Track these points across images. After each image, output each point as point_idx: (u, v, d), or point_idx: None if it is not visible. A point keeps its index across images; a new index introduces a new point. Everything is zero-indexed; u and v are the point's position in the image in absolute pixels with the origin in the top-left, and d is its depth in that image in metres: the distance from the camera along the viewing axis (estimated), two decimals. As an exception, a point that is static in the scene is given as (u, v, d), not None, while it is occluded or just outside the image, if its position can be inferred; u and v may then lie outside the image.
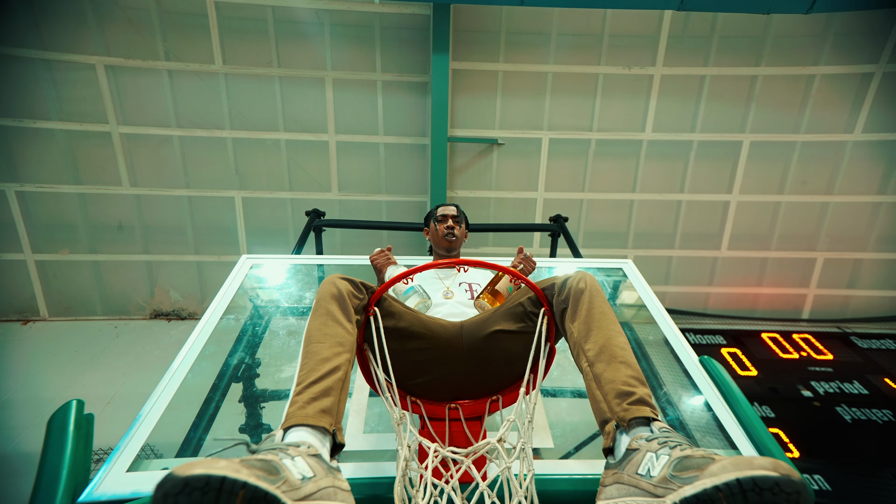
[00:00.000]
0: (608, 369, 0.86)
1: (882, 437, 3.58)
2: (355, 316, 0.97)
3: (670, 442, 0.69)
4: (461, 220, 1.68)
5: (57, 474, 1.09)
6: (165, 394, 1.41)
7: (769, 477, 0.56)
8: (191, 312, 4.99)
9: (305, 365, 0.86)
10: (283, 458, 0.64)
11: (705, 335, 4.72)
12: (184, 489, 0.52)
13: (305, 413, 0.77)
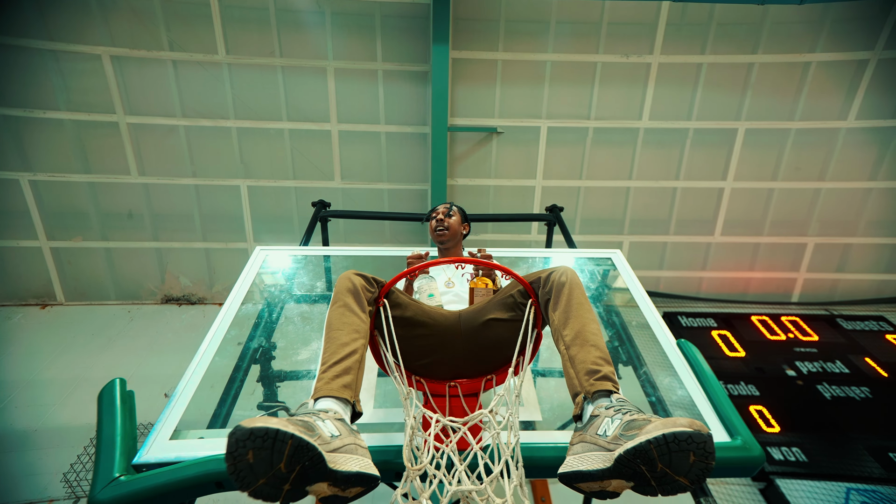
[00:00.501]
0: (581, 352, 1.02)
1: (859, 412, 3.79)
2: (368, 307, 1.12)
3: (623, 409, 0.86)
4: (451, 213, 1.80)
5: (112, 441, 1.26)
6: (196, 374, 1.57)
7: (685, 432, 0.73)
8: (200, 297, 5.17)
9: (328, 349, 1.02)
10: (317, 420, 0.81)
11: (697, 318, 4.90)
12: (249, 437, 0.70)
13: (330, 387, 0.93)
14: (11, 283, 4.85)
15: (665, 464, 0.73)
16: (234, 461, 0.69)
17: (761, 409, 3.88)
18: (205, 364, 1.62)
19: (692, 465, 0.74)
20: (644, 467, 0.75)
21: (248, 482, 0.70)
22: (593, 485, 0.81)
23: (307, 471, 0.72)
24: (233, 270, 5.06)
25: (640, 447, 0.74)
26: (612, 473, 0.77)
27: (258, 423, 0.71)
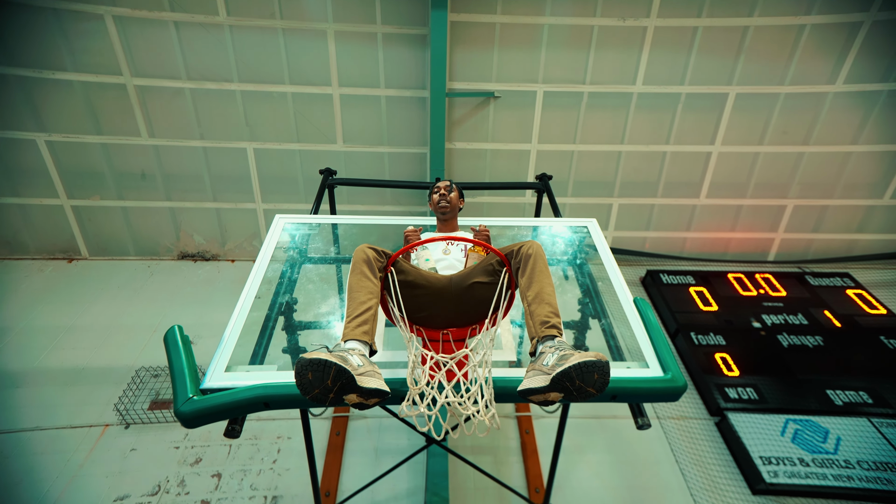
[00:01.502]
0: (538, 308, 1.36)
1: (809, 358, 4.26)
2: (378, 273, 1.46)
3: (560, 348, 1.21)
4: (452, 189, 2.10)
5: (183, 372, 1.64)
6: (237, 324, 1.93)
7: (592, 360, 1.10)
8: (214, 254, 5.52)
9: (350, 305, 1.36)
10: (348, 355, 1.17)
11: (677, 275, 5.27)
12: (309, 364, 1.07)
13: (354, 333, 1.29)
14: (39, 238, 5.18)
15: (580, 380, 1.10)
16: (300, 378, 1.06)
17: (725, 356, 4.34)
18: (243, 316, 1.98)
19: (596, 380, 1.12)
20: (568, 383, 1.11)
21: (308, 391, 1.07)
22: (539, 397, 1.18)
23: (344, 386, 1.09)
24: (243, 229, 5.40)
25: (566, 371, 1.10)
26: (550, 388, 1.13)
27: (314, 355, 1.07)
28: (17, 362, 4.11)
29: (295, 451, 3.68)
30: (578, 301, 2.42)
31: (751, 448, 3.58)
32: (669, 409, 4.10)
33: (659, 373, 1.78)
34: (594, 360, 1.09)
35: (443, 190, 2.08)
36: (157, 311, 4.77)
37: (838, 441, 3.59)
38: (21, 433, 3.57)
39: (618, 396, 1.71)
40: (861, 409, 3.79)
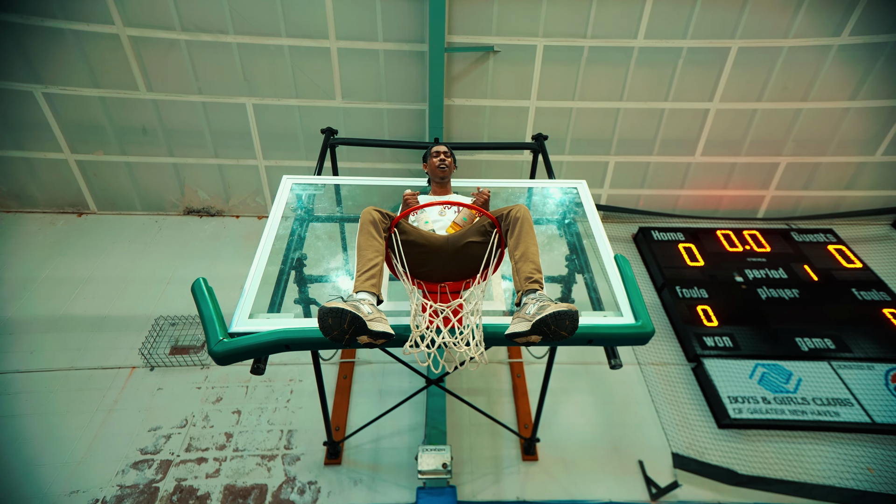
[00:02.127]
0: (523, 265, 1.56)
1: (784, 309, 4.55)
2: (383, 233, 1.64)
3: (540, 299, 1.43)
4: (449, 155, 2.25)
5: (212, 318, 1.87)
6: (255, 278, 2.13)
7: (564, 310, 1.31)
8: (219, 210, 5.67)
9: (360, 262, 1.56)
10: (359, 303, 1.38)
11: (668, 232, 5.47)
12: (329, 311, 1.28)
13: (364, 285, 1.49)
14: (47, 192, 5.31)
15: (555, 325, 1.32)
16: (322, 322, 1.28)
17: (706, 308, 4.63)
18: (260, 270, 2.18)
19: (567, 325, 1.34)
20: (545, 328, 1.34)
21: (328, 333, 1.29)
22: (522, 339, 1.41)
23: (357, 329, 1.31)
24: (246, 185, 5.52)
25: (544, 318, 1.33)
26: (530, 332, 1.36)
27: (333, 304, 1.28)
28: (45, 309, 4.40)
29: (306, 392, 4.04)
30: (566, 257, 2.63)
31: (721, 389, 3.94)
32: (651, 356, 4.44)
33: (631, 321, 2.01)
34: (566, 310, 1.32)
35: (442, 155, 2.22)
36: (169, 264, 5.00)
37: (799, 382, 3.95)
38: (58, 371, 3.92)
39: (594, 340, 1.96)
40: (824, 354, 4.13)
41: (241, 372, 4.12)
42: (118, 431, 3.61)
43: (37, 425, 3.58)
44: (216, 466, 3.52)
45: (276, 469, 3.56)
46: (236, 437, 3.70)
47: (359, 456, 3.64)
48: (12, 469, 3.34)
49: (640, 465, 3.62)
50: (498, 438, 3.79)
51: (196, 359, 4.17)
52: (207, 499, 3.35)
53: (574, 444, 3.75)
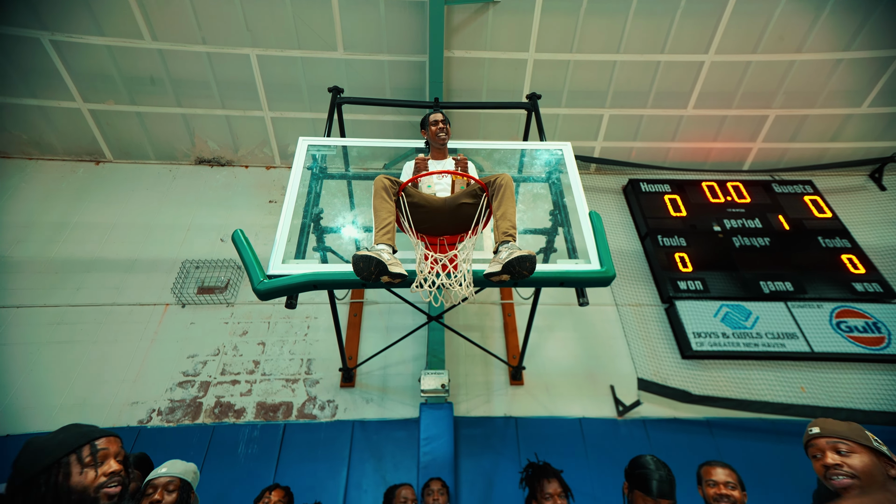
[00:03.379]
0: (502, 223, 1.94)
1: (754, 255, 4.97)
2: (393, 197, 2.01)
3: (511, 248, 1.82)
4: (448, 123, 2.55)
5: (253, 263, 2.28)
6: (283, 229, 2.51)
7: (526, 255, 1.72)
8: (228, 160, 5.92)
9: (377, 221, 1.95)
10: (381, 252, 1.79)
11: (656, 184, 5.75)
12: (360, 258, 1.71)
13: (382, 239, 1.89)
14: (64, 140, 5.53)
15: (518, 266, 1.74)
16: (355, 265, 1.71)
17: (684, 255, 5.05)
18: (287, 223, 2.55)
19: (528, 266, 1.76)
20: (511, 268, 1.76)
21: (359, 273, 1.72)
22: (496, 277, 1.83)
23: (380, 271, 1.73)
24: (253, 136, 5.73)
25: (510, 261, 1.74)
26: (502, 272, 1.79)
27: (362, 253, 1.71)
28: (82, 252, 4.84)
29: (321, 327, 4.58)
30: (549, 212, 3.00)
31: (687, 326, 4.48)
32: (629, 297, 4.94)
33: (598, 267, 2.43)
34: (527, 255, 1.74)
35: (441, 124, 2.52)
36: (187, 212, 5.36)
37: (756, 319, 4.48)
38: (103, 306, 4.44)
39: (565, 283, 2.40)
40: (782, 296, 4.62)
41: (263, 309, 4.64)
42: (162, 357, 4.19)
43: (93, 351, 4.15)
44: (248, 387, 4.14)
45: (299, 390, 4.18)
46: (263, 364, 4.29)
47: (369, 380, 4.24)
48: (80, 384, 3.95)
49: (612, 389, 4.24)
50: (489, 367, 4.38)
51: (221, 298, 4.67)
52: (243, 412, 3.99)
53: (555, 372, 4.35)
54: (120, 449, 1.16)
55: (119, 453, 1.14)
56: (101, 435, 1.14)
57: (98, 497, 1.06)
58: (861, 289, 4.64)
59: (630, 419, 4.02)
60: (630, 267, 5.15)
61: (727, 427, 3.94)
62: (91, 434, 1.14)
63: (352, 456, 3.73)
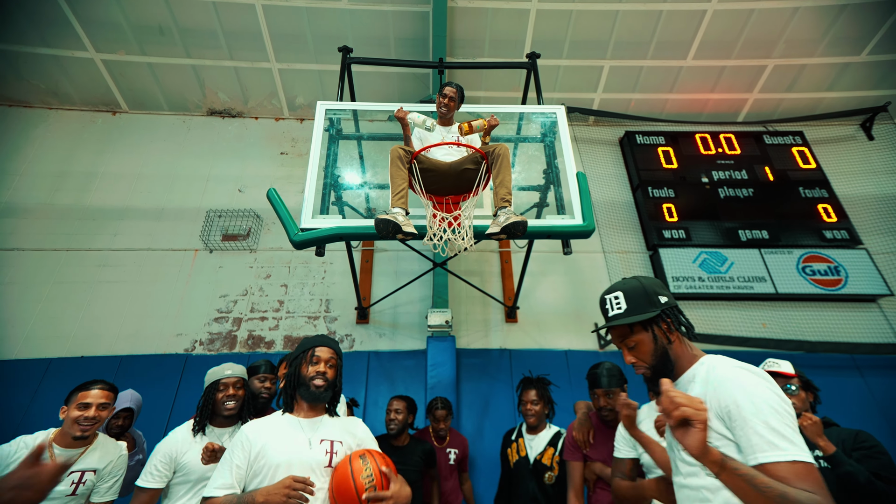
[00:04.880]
0: (500, 189, 2.32)
1: (737, 206, 5.32)
2: (407, 164, 2.37)
3: (508, 213, 2.22)
4: (454, 98, 2.81)
5: (288, 218, 2.69)
6: (310, 188, 2.88)
7: (520, 220, 2.13)
8: (238, 111, 6.11)
9: (393, 186, 2.32)
10: (396, 215, 2.20)
11: (651, 136, 5.96)
12: (380, 220, 2.15)
13: (398, 203, 2.28)
14: (81, 90, 5.69)
15: (514, 229, 2.15)
16: (376, 226, 2.12)
17: (671, 206, 5.40)
18: (313, 183, 2.91)
19: (521, 228, 2.18)
20: (507, 231, 2.17)
21: (380, 232, 2.14)
22: (495, 237, 2.24)
23: (395, 230, 2.14)
24: (262, 88, 5.88)
25: (507, 225, 2.15)
26: (500, 233, 2.20)
27: (382, 217, 2.11)
28: (113, 200, 5.24)
29: (337, 272, 5.06)
30: (543, 171, 3.34)
31: (667, 271, 4.95)
32: (617, 245, 5.37)
33: (580, 222, 2.83)
34: (521, 221, 2.15)
35: (446, 100, 2.79)
36: (205, 163, 5.67)
37: (731, 265, 4.94)
38: (139, 251, 4.93)
39: (552, 235, 2.82)
40: (757, 244, 5.04)
41: (283, 255, 5.11)
42: (197, 297, 4.73)
43: (137, 290, 4.69)
44: (275, 323, 4.71)
45: (320, 325, 4.76)
46: (287, 304, 4.84)
47: (382, 318, 4.80)
48: (131, 318, 4.54)
49: (595, 325, 4.80)
50: (487, 307, 4.92)
51: (244, 244, 5.13)
52: (273, 344, 4.59)
53: (546, 312, 4.89)
54: (331, 357, 1.65)
55: (330, 360, 1.64)
56: (320, 344, 1.66)
57: (309, 384, 1.59)
58: (830, 236, 5.05)
59: (609, 351, 4.62)
60: (620, 217, 5.52)
61: (693, 357, 4.53)
62: (314, 343, 1.67)
63: (368, 380, 4.37)
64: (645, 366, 1.23)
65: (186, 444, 1.97)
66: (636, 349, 1.23)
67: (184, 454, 1.94)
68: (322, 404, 1.63)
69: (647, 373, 1.24)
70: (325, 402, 1.63)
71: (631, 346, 1.24)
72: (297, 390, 1.60)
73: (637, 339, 1.23)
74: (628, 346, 1.25)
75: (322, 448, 1.50)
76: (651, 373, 1.22)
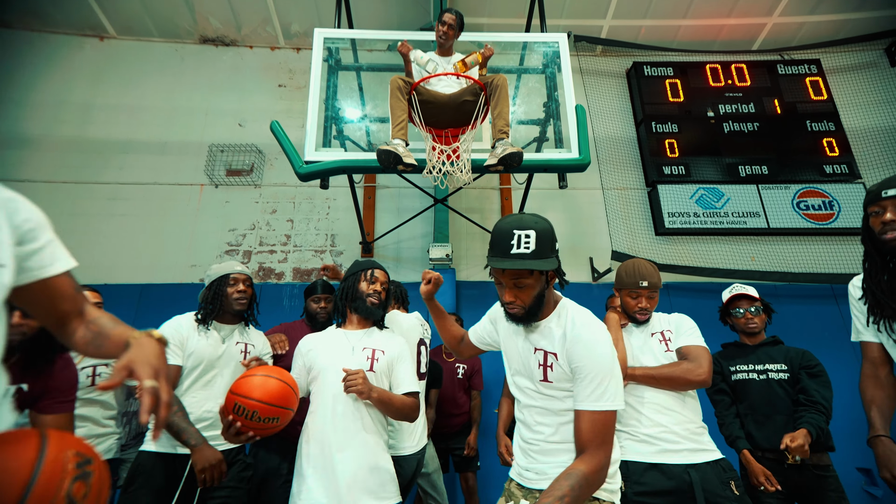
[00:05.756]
0: (498, 121, 2.36)
1: (740, 141, 5.28)
2: (406, 95, 2.40)
3: (504, 144, 2.29)
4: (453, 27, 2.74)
5: (293, 150, 2.76)
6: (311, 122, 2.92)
7: (516, 151, 2.21)
8: (232, 39, 5.87)
9: (393, 118, 2.37)
10: (396, 146, 2.28)
11: (659, 67, 5.74)
12: (382, 151, 2.24)
13: (398, 134, 2.35)
14: (63, 11, 5.41)
15: (510, 160, 2.24)
16: (378, 156, 2.21)
17: (673, 141, 5.36)
18: (314, 115, 2.95)
19: (517, 160, 2.28)
20: (504, 162, 2.25)
21: (382, 163, 2.23)
22: (493, 168, 2.34)
23: (396, 161, 2.23)
24: (254, 13, 5.62)
25: (504, 156, 2.24)
26: (497, 164, 2.29)
27: (383, 147, 2.19)
28: (115, 133, 5.23)
29: (340, 208, 5.18)
30: (543, 105, 3.33)
31: (664, 207, 5.04)
32: (616, 182, 5.41)
33: (576, 155, 2.90)
34: (517, 152, 2.22)
35: (445, 28, 2.73)
36: (203, 96, 5.57)
37: (727, 200, 5.02)
38: (147, 185, 5.04)
39: (549, 169, 2.90)
40: (755, 179, 5.08)
41: (287, 191, 5.21)
42: (207, 230, 4.91)
43: (149, 223, 4.87)
44: (284, 256, 4.93)
45: (326, 258, 4.97)
46: (293, 238, 5.02)
47: (385, 252, 5.00)
48: (147, 250, 4.75)
49: (590, 260, 5.00)
50: (487, 243, 5.08)
51: (248, 180, 5.20)
52: (283, 275, 4.84)
53: (543, 244, 5.05)
54: (385, 280, 1.85)
55: (385, 283, 1.85)
56: (378, 267, 1.87)
57: (365, 300, 1.80)
58: (829, 170, 5.06)
59: (602, 283, 4.85)
60: (621, 153, 5.51)
61: (682, 289, 4.77)
62: (371, 265, 1.87)
63: (374, 308, 4.65)
64: (524, 308, 1.28)
65: (192, 332, 1.94)
66: (524, 290, 1.26)
67: (189, 340, 1.92)
68: (371, 319, 1.82)
69: (520, 313, 1.29)
70: (377, 318, 1.84)
71: (521, 286, 1.25)
72: (351, 303, 1.79)
73: (530, 282, 1.25)
74: (518, 286, 1.25)
75: (364, 354, 1.73)
76: (524, 313, 1.29)
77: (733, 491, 1.58)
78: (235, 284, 2.06)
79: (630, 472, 1.64)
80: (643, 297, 1.89)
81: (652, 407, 1.71)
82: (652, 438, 1.67)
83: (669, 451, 1.65)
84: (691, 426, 1.70)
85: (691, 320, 1.94)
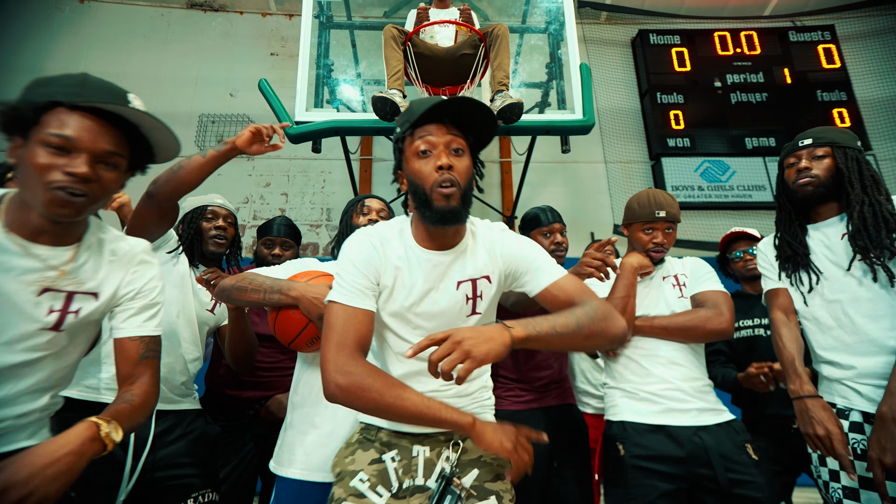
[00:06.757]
0: (498, 73, 2.22)
1: (747, 113, 5.10)
2: (401, 46, 2.25)
3: (504, 96, 2.16)
4: None
5: (282, 110, 2.62)
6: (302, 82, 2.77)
7: (515, 102, 2.08)
8: (221, 4, 5.62)
9: (388, 69, 2.22)
10: (393, 95, 2.14)
11: (666, 35, 5.52)
12: (378, 98, 2.10)
13: (394, 84, 2.21)
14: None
15: (509, 112, 2.11)
16: (374, 104, 2.09)
17: (678, 113, 5.18)
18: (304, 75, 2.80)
19: (516, 111, 2.13)
20: (503, 114, 2.12)
21: (378, 111, 2.10)
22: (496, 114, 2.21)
23: (395, 109, 2.10)
24: (244, -24, 5.35)
25: (503, 108, 2.10)
26: (499, 115, 2.15)
27: (379, 95, 2.06)
28: (102, 108, 5.04)
29: (335, 181, 5.04)
30: (546, 65, 3.17)
31: (668, 180, 4.92)
32: (619, 155, 5.26)
33: (580, 116, 2.76)
34: (515, 102, 2.10)
35: None
36: (191, 64, 5.36)
37: (733, 174, 4.89)
38: (137, 162, 4.86)
39: (550, 131, 2.76)
40: (762, 152, 4.94)
41: (281, 164, 5.06)
42: (200, 204, 4.77)
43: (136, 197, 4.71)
44: (278, 229, 4.80)
45: (322, 233, 4.86)
46: (288, 212, 4.89)
47: (382, 225, 4.88)
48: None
49: (591, 235, 4.89)
50: (485, 217, 4.96)
51: (241, 152, 5.04)
52: (277, 249, 4.72)
53: (544, 218, 4.94)
54: (382, 208, 1.63)
55: (381, 211, 1.62)
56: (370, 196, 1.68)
57: None
58: (839, 145, 4.90)
59: (603, 257, 4.75)
60: (625, 125, 5.34)
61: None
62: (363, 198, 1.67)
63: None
64: (459, 189, 1.06)
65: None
66: (461, 159, 1.08)
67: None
68: None
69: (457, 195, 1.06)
70: None
71: (459, 152, 1.08)
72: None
73: (466, 153, 1.10)
74: (455, 152, 1.07)
75: None
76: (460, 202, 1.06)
77: (750, 455, 1.40)
78: (214, 219, 1.74)
79: (628, 434, 1.46)
80: (659, 231, 1.60)
81: (656, 360, 1.52)
82: (655, 396, 1.48)
83: (676, 410, 1.45)
84: (698, 383, 1.51)
85: (707, 264, 1.69)
